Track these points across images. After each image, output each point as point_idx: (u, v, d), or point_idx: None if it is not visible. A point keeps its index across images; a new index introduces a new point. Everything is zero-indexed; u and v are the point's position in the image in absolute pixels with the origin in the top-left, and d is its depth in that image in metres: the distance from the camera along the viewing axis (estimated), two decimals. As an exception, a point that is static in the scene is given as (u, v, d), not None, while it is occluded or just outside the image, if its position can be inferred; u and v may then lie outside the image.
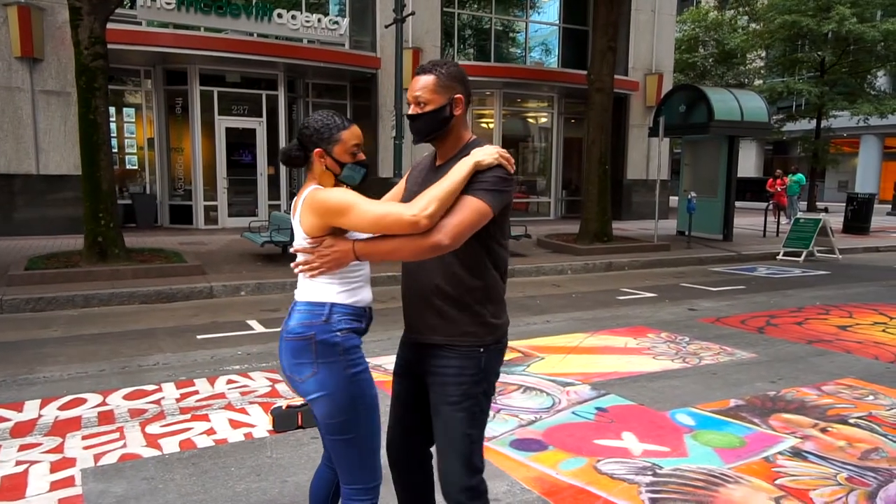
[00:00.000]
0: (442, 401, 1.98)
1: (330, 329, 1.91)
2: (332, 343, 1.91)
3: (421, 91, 1.93)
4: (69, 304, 7.12)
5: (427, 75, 1.94)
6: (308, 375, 1.92)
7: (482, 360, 1.97)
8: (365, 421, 1.96)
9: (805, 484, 3.05)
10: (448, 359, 1.96)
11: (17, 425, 3.74)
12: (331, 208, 1.86)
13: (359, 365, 1.95)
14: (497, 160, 1.87)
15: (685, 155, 15.01)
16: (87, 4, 8.20)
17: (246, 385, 4.47)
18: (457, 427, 1.96)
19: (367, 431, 1.97)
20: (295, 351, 1.94)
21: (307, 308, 1.95)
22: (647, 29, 18.05)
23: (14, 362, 5.04)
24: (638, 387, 4.49)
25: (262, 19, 12.93)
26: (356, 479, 1.99)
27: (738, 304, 7.63)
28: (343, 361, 1.91)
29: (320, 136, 1.97)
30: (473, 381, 1.96)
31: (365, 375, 1.97)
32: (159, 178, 13.73)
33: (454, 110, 1.96)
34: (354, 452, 1.97)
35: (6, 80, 11.49)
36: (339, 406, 1.92)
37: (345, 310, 1.95)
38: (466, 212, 1.81)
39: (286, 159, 2.04)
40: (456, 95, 1.95)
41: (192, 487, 3.02)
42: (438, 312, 1.97)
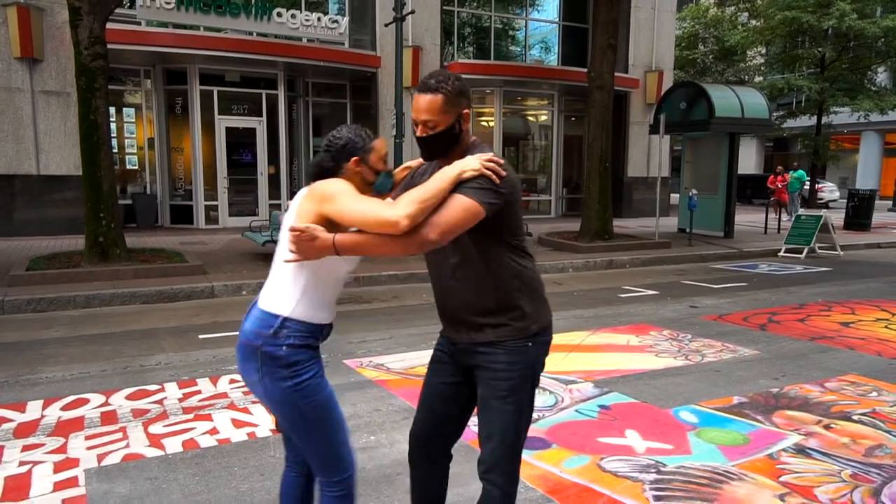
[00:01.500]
0: (492, 395, 2.01)
1: (276, 342, 1.93)
2: (275, 356, 1.92)
3: (428, 115, 1.91)
4: (71, 305, 7.12)
5: (433, 95, 1.90)
6: (255, 380, 1.97)
7: (530, 354, 2.01)
8: (320, 422, 1.99)
9: (809, 481, 3.05)
10: (496, 354, 2.00)
11: (20, 426, 3.74)
12: (326, 194, 1.90)
13: (302, 375, 1.95)
14: (480, 171, 1.84)
15: (686, 152, 14.99)
16: (86, 4, 8.19)
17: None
18: (507, 419, 2.00)
19: (327, 430, 2.01)
20: (244, 354, 1.98)
21: (260, 316, 1.98)
22: (647, 26, 18.03)
23: (16, 363, 5.03)
24: (641, 384, 4.48)
25: (262, 18, 12.92)
26: (328, 472, 2.06)
27: (740, 301, 7.62)
28: (285, 373, 1.92)
29: (355, 145, 2.00)
30: (522, 375, 2.00)
31: (312, 381, 1.97)
32: (160, 178, 13.72)
33: (463, 125, 1.96)
34: (319, 450, 2.03)
35: (6, 80, 11.48)
36: (287, 413, 1.98)
37: (296, 326, 1.95)
38: (456, 209, 1.82)
39: (319, 171, 2.03)
40: (464, 111, 1.95)
41: (195, 487, 3.02)
42: (476, 322, 2.01)
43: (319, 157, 2.05)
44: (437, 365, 2.20)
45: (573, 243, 11.64)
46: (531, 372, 2.04)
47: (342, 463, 2.06)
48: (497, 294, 1.98)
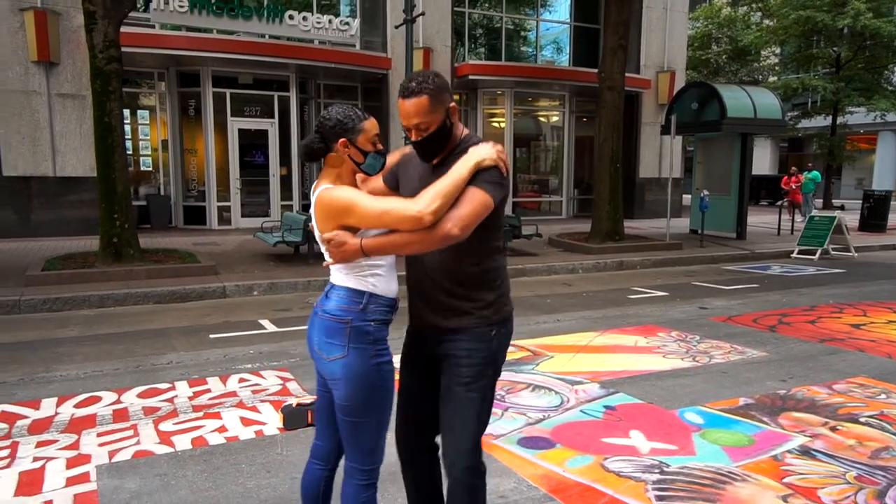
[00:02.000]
0: (454, 382, 2.06)
1: (365, 318, 1.99)
2: (365, 331, 1.98)
3: (418, 118, 1.94)
4: (85, 304, 7.23)
5: (418, 97, 1.93)
6: (337, 356, 1.99)
7: (493, 342, 2.08)
8: (381, 407, 2.04)
9: (813, 482, 3.05)
10: (460, 341, 2.05)
11: (35, 422, 3.82)
12: (337, 209, 1.94)
13: (384, 355, 2.02)
14: (496, 161, 1.94)
15: (698, 153, 14.91)
16: (101, 9, 8.31)
17: (257, 383, 4.52)
18: (469, 407, 2.05)
19: (381, 417, 2.05)
20: (329, 331, 2.00)
21: (346, 294, 2.01)
22: (658, 26, 17.96)
23: (31, 361, 5.13)
24: (647, 385, 4.49)
25: (274, 21, 13.03)
26: (363, 460, 2.07)
27: (751, 302, 7.59)
28: (372, 349, 1.99)
29: (344, 126, 2.00)
30: (485, 362, 2.06)
31: (388, 367, 2.04)
32: (173, 180, 13.87)
33: (451, 119, 2.01)
34: (365, 435, 2.04)
35: (23, 83, 11.66)
36: (361, 390, 1.99)
37: (379, 301, 2.02)
38: (474, 203, 1.88)
39: (308, 151, 2.06)
40: (450, 106, 2.00)
41: (203, 483, 3.07)
42: (446, 301, 2.06)
43: (309, 138, 2.07)
44: (406, 366, 2.25)
45: (583, 244, 11.62)
46: (493, 360, 2.09)
47: (379, 453, 2.10)
48: (469, 280, 2.04)
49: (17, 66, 11.58)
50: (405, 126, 2.01)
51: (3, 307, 6.96)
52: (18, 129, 11.70)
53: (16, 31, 11.53)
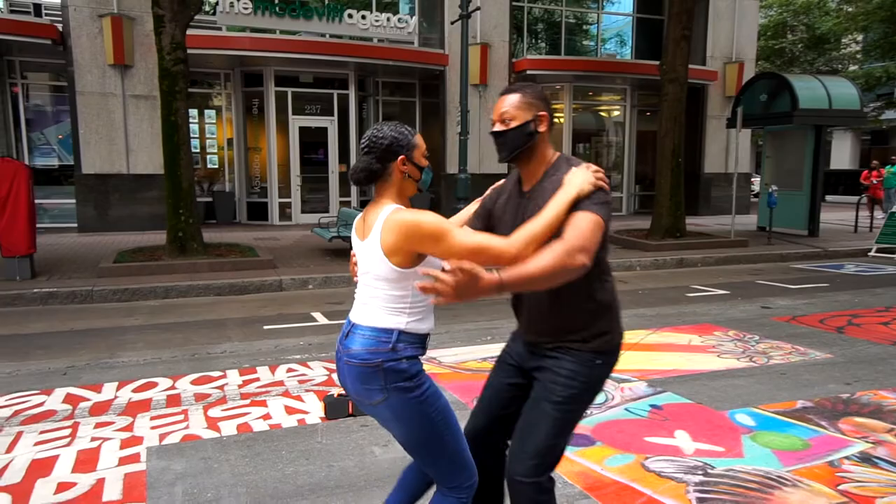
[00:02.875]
0: (545, 397, 2.00)
1: (396, 356, 1.90)
2: (399, 370, 1.90)
3: (506, 108, 2.00)
4: (151, 295, 7.57)
5: (514, 94, 2.02)
6: (379, 401, 1.92)
7: (595, 370, 2.02)
8: (443, 431, 1.96)
9: (872, 490, 2.86)
10: (564, 360, 2.00)
11: (95, 405, 4.02)
12: (426, 234, 1.82)
13: (424, 384, 1.94)
14: (596, 184, 1.91)
15: (767, 146, 14.26)
16: (169, 12, 8.68)
17: (304, 374, 4.62)
18: (550, 425, 1.98)
19: (449, 439, 1.97)
20: (363, 377, 1.92)
21: (372, 334, 1.92)
22: (726, 15, 17.27)
23: (99, 348, 5.41)
24: (698, 385, 4.32)
25: (333, 20, 13.28)
26: (451, 480, 2.01)
27: (818, 302, 7.20)
28: (411, 386, 1.91)
29: (400, 143, 1.94)
30: (583, 387, 2.00)
31: (432, 391, 1.96)
32: (238, 177, 14.36)
33: (538, 126, 2.01)
34: (442, 461, 1.99)
35: (101, 86, 12.32)
36: (416, 428, 1.93)
37: (410, 338, 1.93)
38: (593, 229, 1.84)
39: (368, 175, 1.95)
40: (540, 113, 2.01)
41: (244, 468, 3.16)
42: (558, 323, 2.02)
43: (366, 161, 1.95)
44: (502, 364, 2.22)
45: (643, 241, 11.32)
46: (591, 387, 2.03)
47: (469, 467, 2.03)
48: (583, 306, 2.00)
49: (95, 70, 12.25)
50: (493, 121, 2.04)
51: (77, 296, 7.38)
52: (96, 129, 12.37)
53: (94, 36, 12.18)
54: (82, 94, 12.18)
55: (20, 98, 12.94)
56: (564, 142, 16.62)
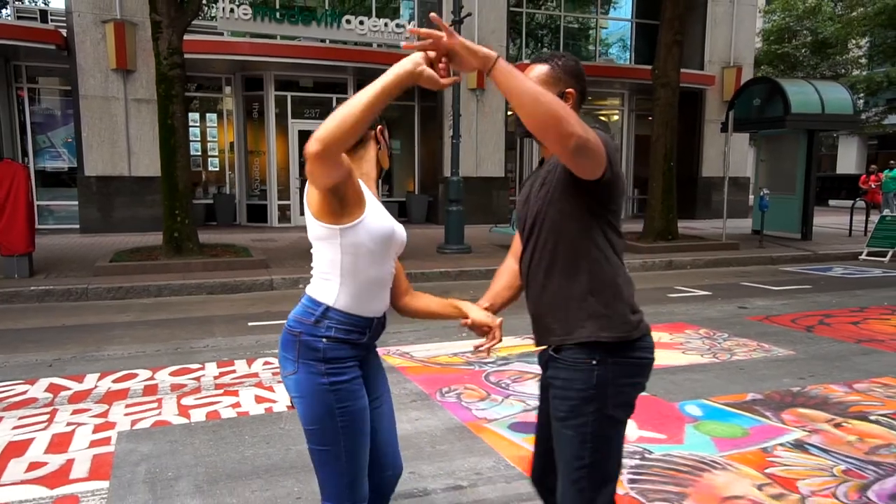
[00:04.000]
0: (553, 416, 1.78)
1: (316, 333, 1.76)
2: (314, 347, 1.75)
3: (532, 80, 1.69)
4: (144, 293, 7.78)
5: (542, 65, 1.80)
6: (289, 372, 1.79)
7: (594, 374, 1.70)
8: (343, 436, 1.77)
9: (796, 474, 2.99)
10: (557, 369, 1.75)
11: (75, 394, 4.22)
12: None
13: (342, 374, 1.76)
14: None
15: (761, 150, 14.36)
16: (166, 18, 8.93)
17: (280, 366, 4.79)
18: (566, 447, 1.74)
19: (347, 448, 1.78)
20: (284, 343, 1.82)
21: (305, 303, 1.82)
22: (724, 21, 17.38)
23: (87, 342, 5.62)
24: (656, 379, 4.45)
25: (332, 25, 13.52)
26: (331, 495, 1.82)
27: (796, 303, 7.31)
28: (322, 367, 1.75)
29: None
30: (584, 396, 1.70)
31: (350, 386, 1.77)
32: (238, 180, 14.61)
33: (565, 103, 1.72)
34: (330, 467, 1.80)
35: (104, 90, 12.60)
36: (314, 413, 1.76)
37: (340, 317, 1.77)
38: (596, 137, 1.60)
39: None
40: (567, 90, 1.78)
41: (207, 450, 3.34)
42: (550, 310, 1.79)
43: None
44: (542, 392, 1.93)
45: (634, 244, 11.43)
46: (597, 396, 1.69)
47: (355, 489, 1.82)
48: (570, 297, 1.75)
49: (98, 74, 12.53)
50: None
51: (73, 294, 7.60)
52: (99, 132, 12.65)
53: (98, 41, 12.48)
54: (85, 97, 12.47)
55: (26, 102, 13.25)
56: (562, 146, 16.74)
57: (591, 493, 1.73)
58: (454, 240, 10.59)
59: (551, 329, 1.78)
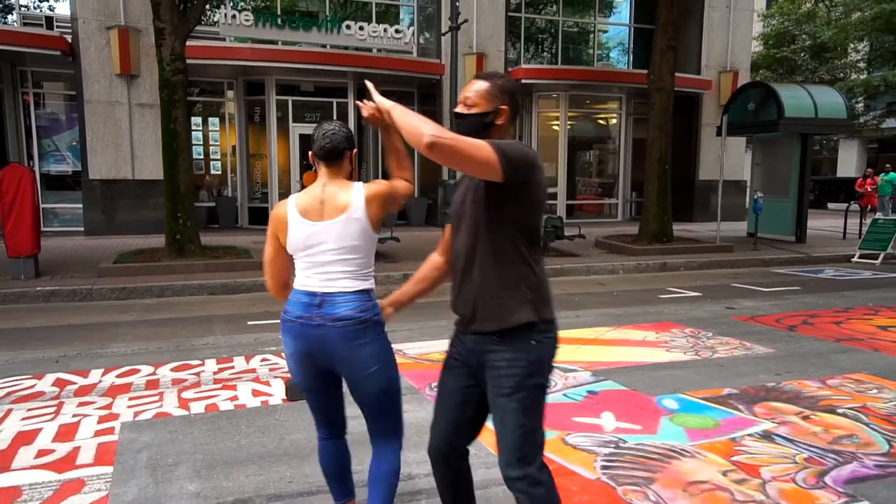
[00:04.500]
0: (497, 392, 2.02)
1: (376, 312, 2.31)
2: (380, 322, 2.32)
3: (471, 94, 2.04)
4: (147, 294, 7.98)
5: (482, 81, 2.06)
6: (368, 354, 2.24)
7: (533, 352, 1.99)
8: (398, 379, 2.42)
9: (760, 461, 3.17)
10: (500, 351, 1.99)
11: (81, 388, 4.41)
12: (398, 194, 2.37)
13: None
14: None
15: (756, 154, 14.53)
16: (169, 25, 9.15)
17: (276, 363, 4.98)
18: (510, 418, 2.00)
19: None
20: (353, 333, 2.22)
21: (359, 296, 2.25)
22: (721, 26, 17.56)
23: (92, 339, 5.81)
24: (638, 375, 4.64)
25: (332, 31, 13.75)
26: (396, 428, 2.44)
27: (783, 303, 7.47)
28: (386, 336, 2.35)
29: (353, 140, 2.39)
30: (526, 373, 1.98)
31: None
32: (240, 183, 14.82)
33: (496, 119, 2.03)
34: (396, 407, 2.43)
35: (108, 94, 12.84)
36: (395, 372, 2.38)
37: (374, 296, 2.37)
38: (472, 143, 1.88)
39: (340, 150, 2.30)
40: (502, 106, 2.03)
41: (204, 439, 3.53)
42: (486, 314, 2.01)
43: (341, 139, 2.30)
44: (449, 371, 2.21)
45: (628, 246, 11.61)
46: (537, 370, 2.00)
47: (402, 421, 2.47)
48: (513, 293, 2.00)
49: (102, 79, 12.77)
50: (459, 98, 2.09)
51: (78, 294, 7.81)
52: (103, 136, 12.88)
53: (102, 47, 12.71)
54: (90, 102, 12.70)
55: (32, 106, 13.49)
56: (560, 149, 16.95)
57: (532, 455, 2.03)
58: (451, 242, 10.75)
59: (490, 316, 2.01)
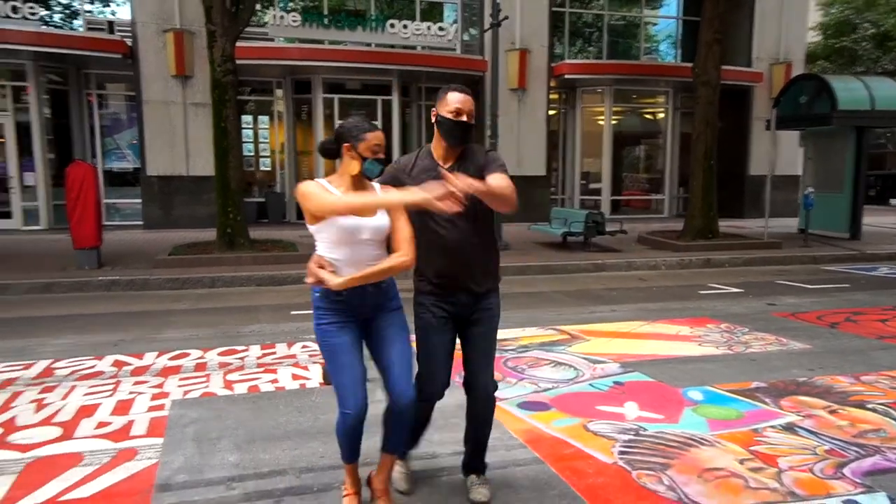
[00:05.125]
0: (493, 327, 2.77)
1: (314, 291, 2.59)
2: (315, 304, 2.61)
3: (469, 106, 2.61)
4: (199, 284, 8.38)
5: (467, 95, 2.64)
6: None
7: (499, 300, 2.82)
8: None
9: (779, 451, 3.20)
10: (493, 299, 2.76)
11: (136, 369, 4.74)
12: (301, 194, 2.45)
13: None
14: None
15: (808, 148, 14.12)
16: (220, 27, 9.54)
17: (316, 350, 5.20)
18: (492, 344, 2.80)
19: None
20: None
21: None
22: (773, 16, 17.07)
23: (147, 326, 6.19)
24: (667, 367, 4.68)
25: (377, 30, 14.01)
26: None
27: (828, 301, 7.32)
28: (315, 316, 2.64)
29: (350, 133, 2.49)
30: (498, 311, 2.80)
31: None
32: (288, 179, 15.26)
33: None
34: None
35: (164, 95, 13.43)
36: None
37: None
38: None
39: (322, 150, 2.59)
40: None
41: (246, 416, 3.77)
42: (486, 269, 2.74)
43: (327, 139, 2.59)
44: (437, 329, 2.71)
45: (672, 242, 11.49)
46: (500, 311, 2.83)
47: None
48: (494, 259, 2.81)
49: (159, 80, 13.36)
50: (459, 109, 2.58)
51: (135, 284, 8.27)
52: (160, 134, 13.48)
53: (159, 50, 13.31)
54: (147, 102, 13.32)
55: (95, 107, 14.22)
56: (605, 144, 16.81)
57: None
58: (492, 237, 10.87)
59: (487, 277, 2.75)
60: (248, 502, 2.82)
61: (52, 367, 4.74)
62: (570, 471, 3.03)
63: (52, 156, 13.66)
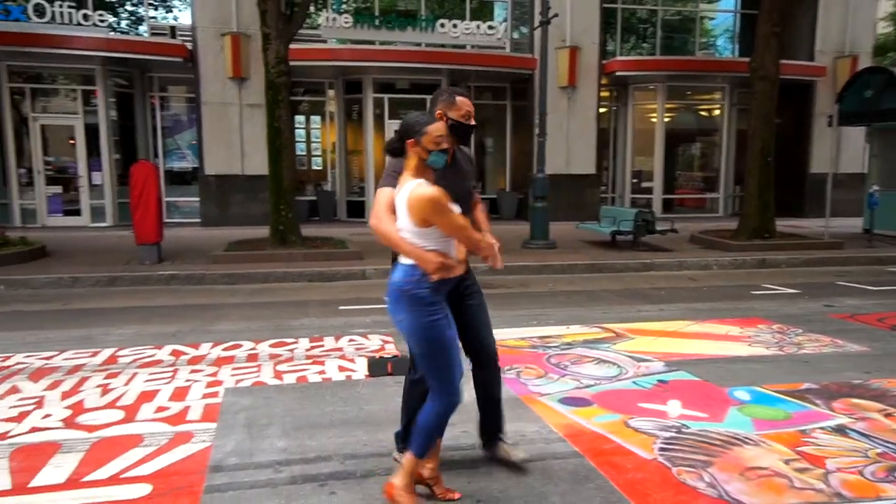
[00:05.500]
0: (482, 295, 3.03)
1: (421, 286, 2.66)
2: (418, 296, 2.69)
3: (472, 108, 2.82)
4: (252, 280, 8.66)
5: (467, 98, 2.86)
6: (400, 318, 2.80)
7: None
8: None
9: (827, 453, 3.12)
10: (471, 273, 3.00)
11: (192, 358, 4.96)
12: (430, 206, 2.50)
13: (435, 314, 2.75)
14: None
15: (874, 145, 13.53)
16: (274, 30, 9.83)
17: (362, 343, 5.35)
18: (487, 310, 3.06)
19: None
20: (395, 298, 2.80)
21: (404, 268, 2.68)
22: (838, 7, 16.40)
23: (202, 318, 6.45)
24: (714, 367, 4.60)
25: (427, 30, 14.15)
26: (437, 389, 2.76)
27: (891, 303, 7.02)
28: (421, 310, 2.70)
29: (412, 129, 2.57)
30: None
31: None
32: (339, 178, 15.57)
33: None
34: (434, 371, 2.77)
35: (222, 96, 13.90)
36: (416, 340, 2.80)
37: None
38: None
39: (389, 149, 2.66)
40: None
41: (293, 405, 3.91)
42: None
43: (392, 138, 2.66)
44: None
45: (726, 241, 11.22)
46: None
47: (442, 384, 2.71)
48: None
49: (217, 83, 13.84)
50: (469, 113, 2.82)
51: (193, 279, 8.61)
52: (217, 134, 13.96)
53: (217, 53, 13.78)
54: (206, 104, 13.81)
55: (157, 108, 14.84)
56: (657, 142, 16.50)
57: None
58: (539, 235, 10.86)
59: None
60: (295, 485, 2.93)
61: (116, 356, 5.01)
62: (609, 465, 3.04)
63: (118, 156, 14.33)
